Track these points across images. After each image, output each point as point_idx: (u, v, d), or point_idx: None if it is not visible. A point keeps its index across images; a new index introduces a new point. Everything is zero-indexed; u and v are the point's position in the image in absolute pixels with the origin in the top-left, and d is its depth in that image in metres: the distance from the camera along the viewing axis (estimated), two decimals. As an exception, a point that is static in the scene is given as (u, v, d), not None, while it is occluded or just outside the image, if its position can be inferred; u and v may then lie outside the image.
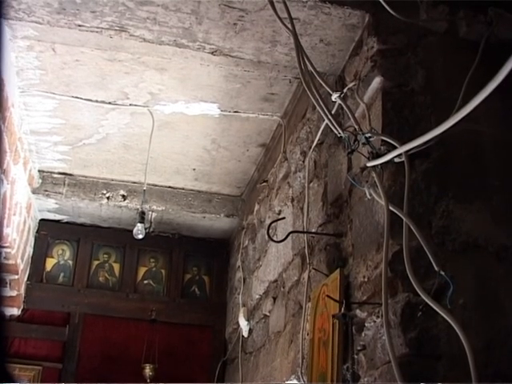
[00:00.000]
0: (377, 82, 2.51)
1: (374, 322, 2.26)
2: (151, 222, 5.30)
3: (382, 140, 2.32)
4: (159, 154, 4.66)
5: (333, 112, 2.72)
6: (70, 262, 5.46)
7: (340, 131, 2.34)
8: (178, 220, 5.42)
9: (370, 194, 2.34)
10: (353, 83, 2.75)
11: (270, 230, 3.92)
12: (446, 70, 2.57)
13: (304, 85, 2.37)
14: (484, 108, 2.37)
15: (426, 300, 1.88)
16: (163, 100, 4.02)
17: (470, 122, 2.27)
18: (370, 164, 2.32)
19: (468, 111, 1.64)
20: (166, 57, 3.30)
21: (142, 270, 5.56)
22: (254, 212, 4.74)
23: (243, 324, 4.57)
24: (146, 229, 4.52)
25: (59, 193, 5.08)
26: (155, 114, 4.16)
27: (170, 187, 5.23)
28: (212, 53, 3.03)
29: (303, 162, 3.51)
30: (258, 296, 4.35)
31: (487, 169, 2.43)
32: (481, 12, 2.66)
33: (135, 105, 4.08)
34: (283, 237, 3.14)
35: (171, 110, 4.12)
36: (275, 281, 3.91)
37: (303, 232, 3.23)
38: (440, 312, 1.83)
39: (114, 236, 5.56)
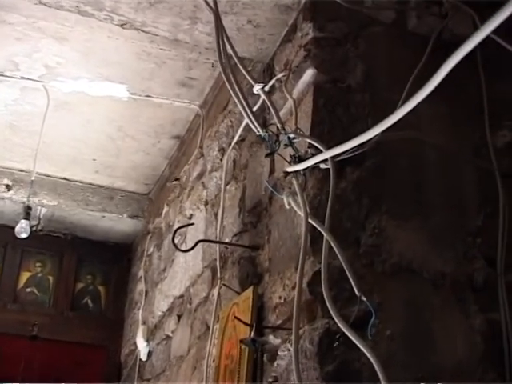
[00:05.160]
0: (309, 74, 2.51)
1: (289, 350, 2.25)
2: (39, 219, 5.21)
3: (310, 143, 2.33)
4: (54, 139, 4.56)
5: (257, 105, 2.71)
6: None
7: (259, 129, 2.30)
8: (73, 218, 5.34)
9: (289, 204, 2.32)
10: (282, 74, 2.74)
11: (179, 237, 3.90)
12: (389, 66, 2.59)
13: (222, 71, 2.34)
14: (428, 115, 2.44)
15: (343, 329, 1.87)
16: (61, 75, 3.92)
17: (411, 129, 2.31)
18: (290, 169, 2.30)
19: (404, 113, 1.64)
20: (67, 24, 3.24)
21: (24, 276, 5.45)
22: (163, 214, 4.71)
23: (142, 345, 4.53)
24: (32, 227, 4.45)
25: None
26: (51, 91, 4.06)
27: (64, 179, 5.15)
28: (121, 25, 2.99)
29: (221, 160, 3.50)
30: (160, 313, 4.32)
31: (427, 183, 2.45)
32: (435, 3, 2.69)
33: (27, 78, 3.97)
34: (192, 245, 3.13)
35: (71, 89, 4.03)
36: (181, 296, 3.89)
37: (214, 242, 3.22)
38: (357, 343, 1.82)
39: (-8, 233, 5.42)
